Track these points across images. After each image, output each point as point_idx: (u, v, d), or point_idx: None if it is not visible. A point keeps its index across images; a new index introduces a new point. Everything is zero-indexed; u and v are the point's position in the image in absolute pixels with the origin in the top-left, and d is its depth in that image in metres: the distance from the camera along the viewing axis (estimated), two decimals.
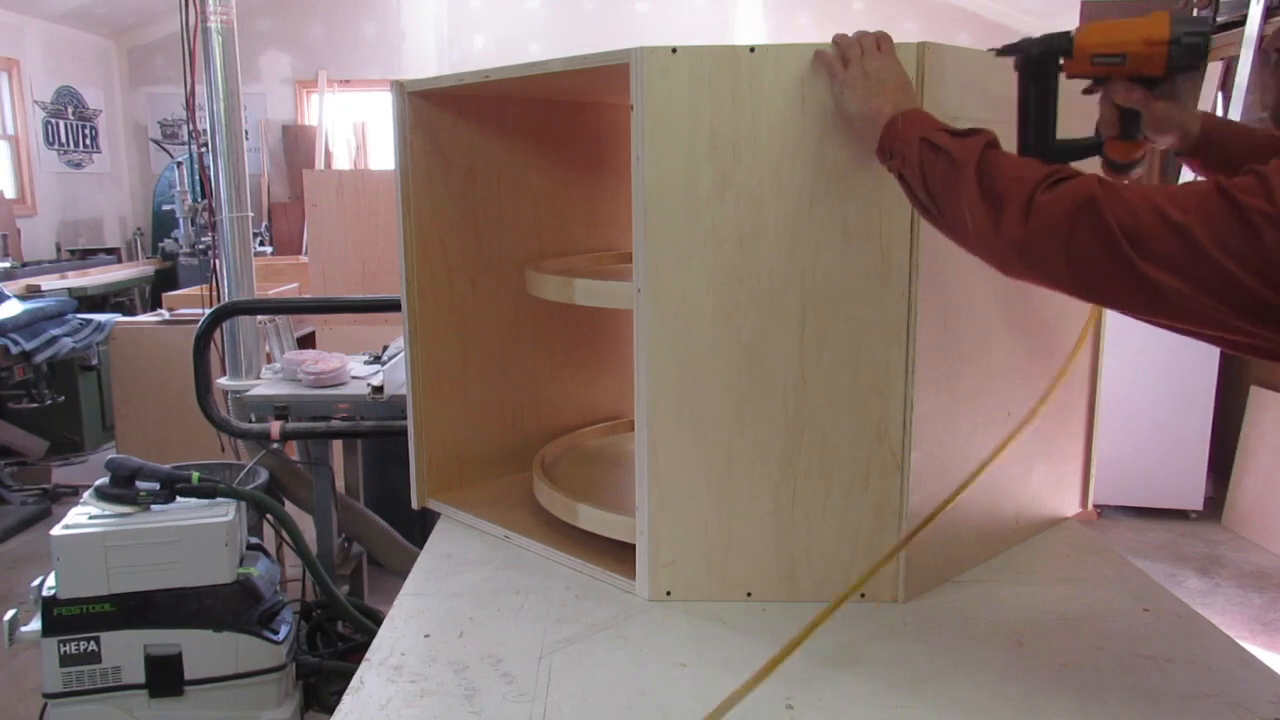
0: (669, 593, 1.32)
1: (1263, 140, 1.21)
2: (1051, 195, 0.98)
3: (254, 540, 2.24)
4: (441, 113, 1.69)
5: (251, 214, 3.06)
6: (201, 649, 1.98)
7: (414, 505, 1.78)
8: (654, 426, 1.29)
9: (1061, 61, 1.15)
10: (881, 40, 1.23)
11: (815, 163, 1.25)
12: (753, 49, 1.22)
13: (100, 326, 4.73)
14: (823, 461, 1.29)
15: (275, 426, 2.67)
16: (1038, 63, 1.15)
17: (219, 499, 2.06)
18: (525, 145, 1.80)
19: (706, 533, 1.31)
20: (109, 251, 7.46)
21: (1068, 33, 1.12)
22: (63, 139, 7.42)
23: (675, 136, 1.23)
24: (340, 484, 3.23)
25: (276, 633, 2.05)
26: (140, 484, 2.03)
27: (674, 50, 1.20)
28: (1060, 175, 1.00)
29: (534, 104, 1.78)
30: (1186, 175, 3.37)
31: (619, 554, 1.41)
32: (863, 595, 1.29)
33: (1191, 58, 1.07)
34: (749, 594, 1.33)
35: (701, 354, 1.28)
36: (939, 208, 1.10)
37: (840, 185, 1.25)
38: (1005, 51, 1.18)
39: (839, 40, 1.24)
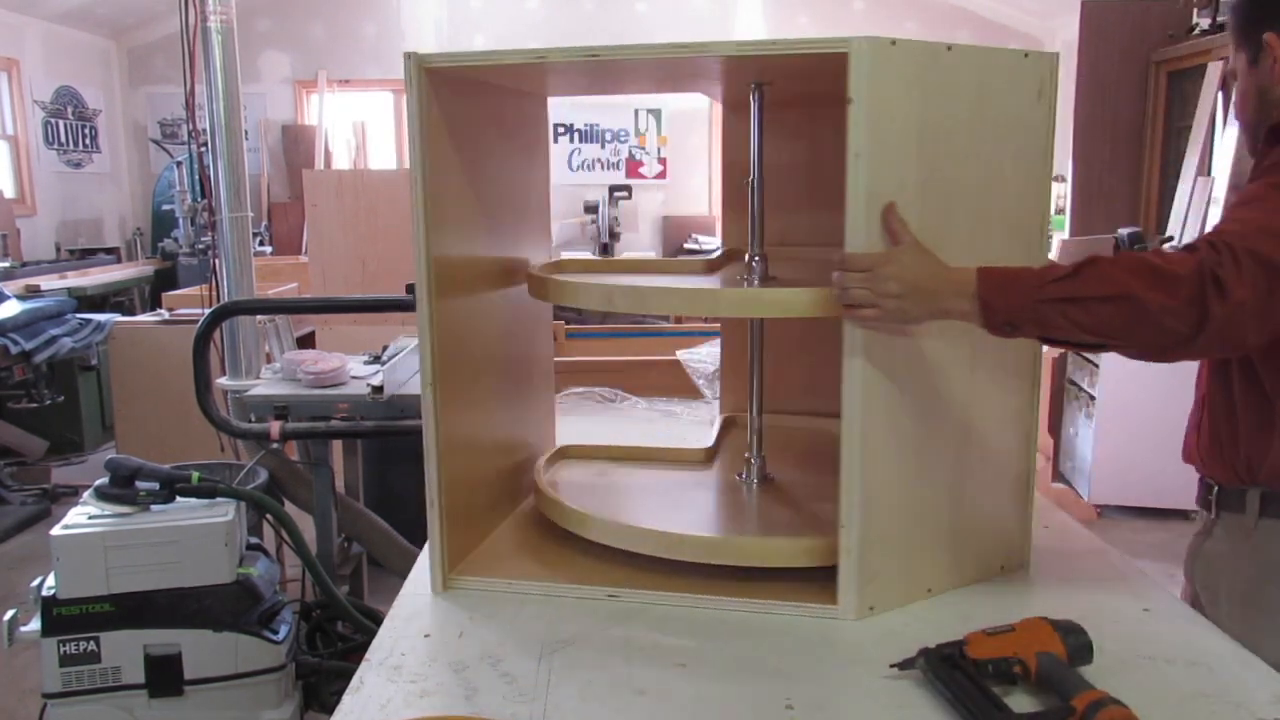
0: (872, 608, 1.29)
1: None
2: (1216, 257, 1.09)
3: (254, 540, 2.24)
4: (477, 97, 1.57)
5: (251, 214, 3.06)
6: (201, 649, 1.98)
7: (435, 589, 1.38)
8: (867, 439, 1.24)
9: None
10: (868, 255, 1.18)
11: (994, 165, 1.29)
12: (949, 47, 1.22)
13: (100, 326, 4.73)
14: (982, 456, 1.36)
15: (275, 426, 2.67)
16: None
17: (219, 499, 2.06)
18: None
19: (900, 540, 1.30)
20: (109, 251, 7.46)
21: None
22: (62, 139, 7.42)
23: (890, 132, 1.20)
24: (340, 484, 3.23)
25: (276, 633, 2.05)
26: (140, 484, 2.03)
27: (893, 42, 1.18)
28: (1208, 248, 1.10)
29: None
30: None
31: (748, 581, 1.33)
32: (1002, 568, 1.40)
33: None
34: (929, 590, 1.34)
35: (906, 358, 1.27)
36: (1126, 340, 1.15)
37: (1007, 188, 1.31)
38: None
39: (842, 286, 1.18)
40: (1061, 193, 5.87)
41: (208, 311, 2.73)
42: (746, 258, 1.52)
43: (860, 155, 1.17)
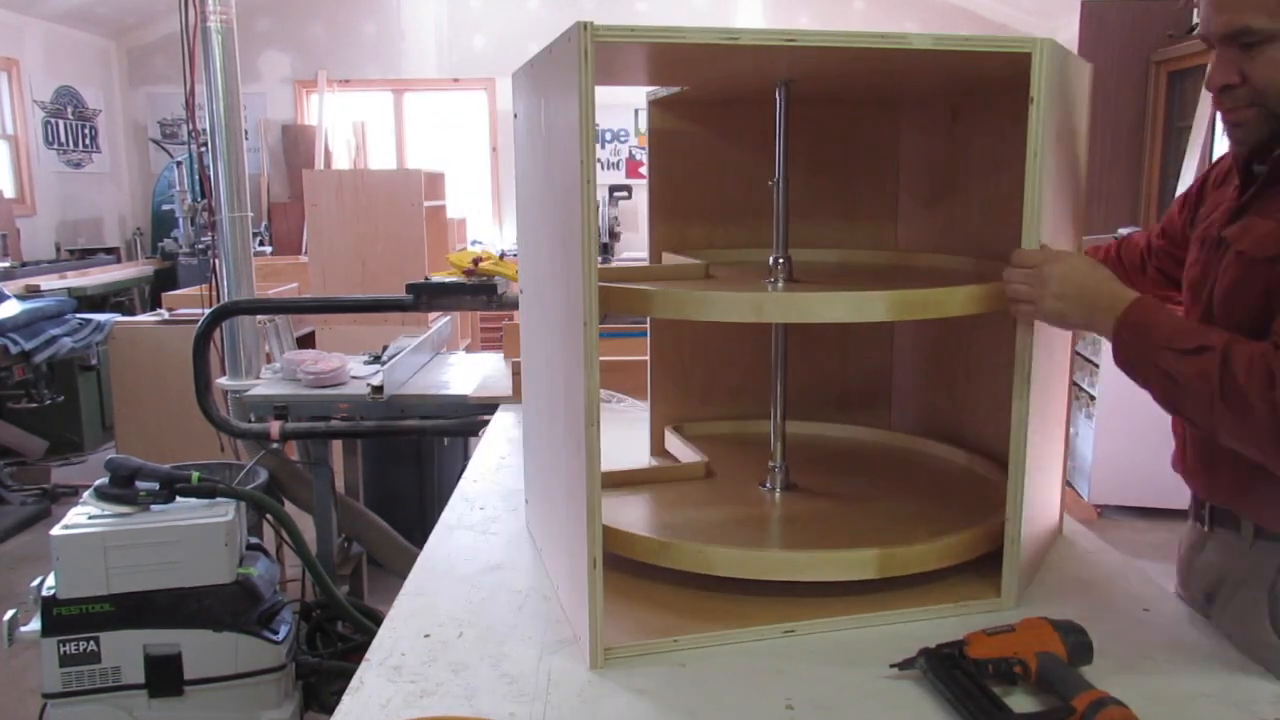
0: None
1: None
2: None
3: (254, 540, 2.24)
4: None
5: (251, 214, 3.07)
6: (201, 649, 1.98)
7: (594, 664, 1.16)
8: (1030, 434, 1.26)
9: None
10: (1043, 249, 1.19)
11: (1071, 164, 1.34)
12: (1068, 52, 1.25)
13: (100, 326, 4.73)
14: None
15: (275, 426, 2.67)
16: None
17: (219, 499, 2.06)
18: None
19: (1028, 526, 1.33)
20: (108, 251, 7.46)
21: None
22: (62, 139, 7.42)
23: (1055, 133, 1.22)
24: (340, 484, 3.24)
25: (276, 633, 2.05)
26: (140, 484, 2.04)
27: (1058, 44, 1.20)
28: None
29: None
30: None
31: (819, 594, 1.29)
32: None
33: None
34: None
35: (1052, 356, 1.34)
36: (1212, 433, 1.12)
37: (1075, 187, 1.37)
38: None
39: (1008, 280, 1.21)
40: None
41: (208, 311, 2.74)
42: (771, 260, 1.48)
43: (1038, 154, 1.18)
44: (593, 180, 1.07)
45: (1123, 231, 4.46)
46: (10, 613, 2.02)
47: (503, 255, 3.06)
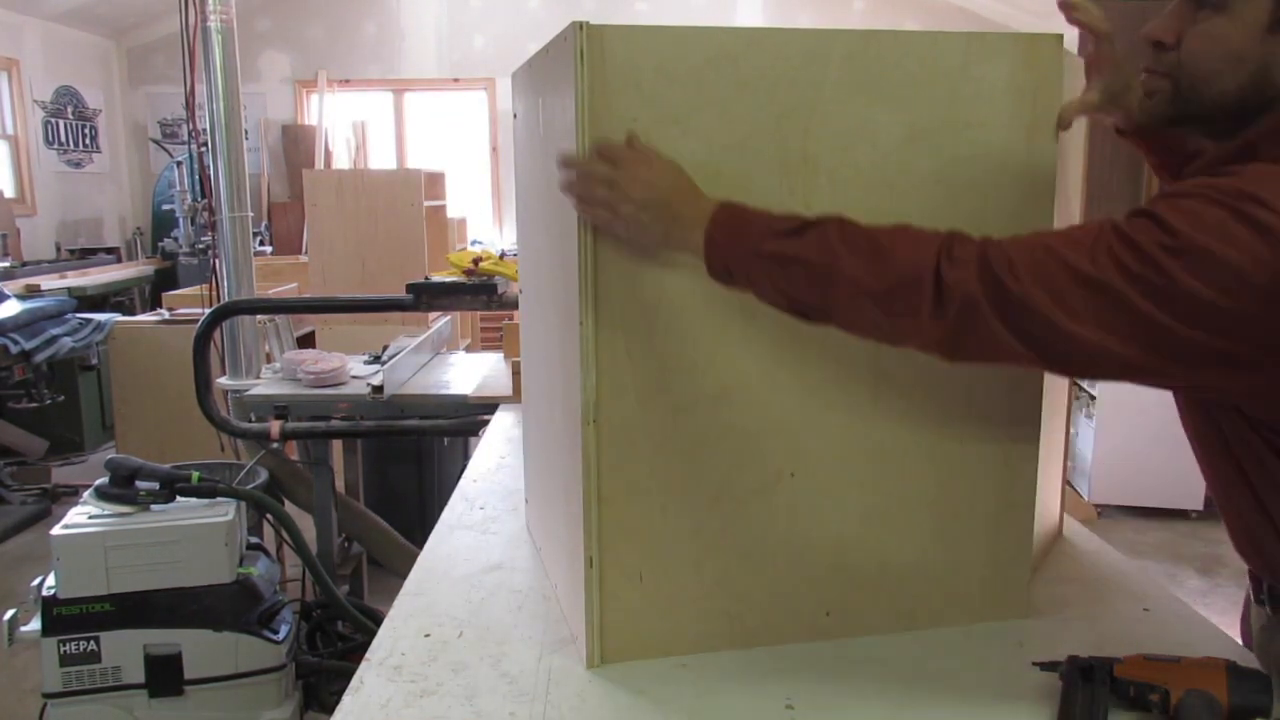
0: None
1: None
2: (958, 275, 0.91)
3: (254, 540, 2.24)
4: None
5: (251, 214, 3.07)
6: (201, 649, 1.98)
7: (591, 663, 1.17)
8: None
9: None
10: (628, 147, 1.04)
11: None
12: None
13: (100, 326, 4.74)
14: None
15: (275, 426, 2.67)
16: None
17: (219, 499, 2.06)
18: None
19: None
20: (109, 251, 7.45)
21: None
22: (62, 139, 7.42)
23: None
24: (340, 484, 3.24)
25: (276, 632, 2.05)
26: (140, 484, 2.03)
27: (1062, 44, 1.24)
28: (953, 244, 0.93)
29: None
30: None
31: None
32: None
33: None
34: None
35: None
36: (828, 315, 0.98)
37: None
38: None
39: (575, 178, 1.05)
40: None
41: (208, 311, 2.74)
42: None
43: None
44: None
45: None
46: (10, 613, 2.02)
47: (503, 255, 3.06)
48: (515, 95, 1.50)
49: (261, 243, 7.20)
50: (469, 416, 2.67)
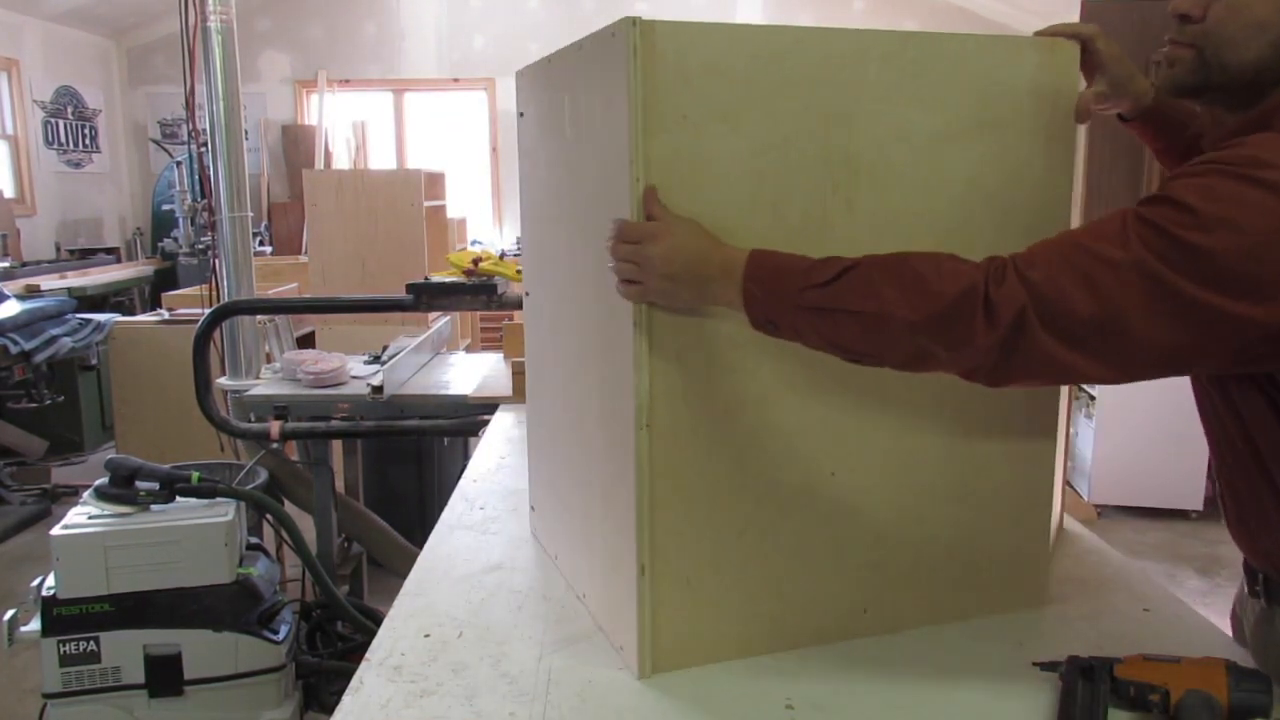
0: None
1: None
2: (1003, 292, 0.92)
3: (254, 540, 2.24)
4: None
5: (251, 214, 3.07)
6: (201, 649, 1.98)
7: (643, 673, 1.14)
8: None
9: None
10: (648, 207, 1.06)
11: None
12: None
13: (100, 326, 4.74)
14: None
15: (275, 426, 2.67)
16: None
17: (219, 499, 2.06)
18: None
19: None
20: (109, 251, 7.45)
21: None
22: (62, 139, 7.42)
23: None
24: (340, 484, 3.24)
25: (276, 633, 2.05)
26: (140, 484, 2.03)
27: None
28: (990, 265, 0.94)
29: None
30: None
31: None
32: None
33: None
34: None
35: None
36: (881, 358, 1.00)
37: None
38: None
39: (614, 257, 1.07)
40: None
41: (208, 311, 2.74)
42: None
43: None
44: (642, 178, 1.06)
45: None
46: (10, 613, 2.02)
47: (503, 255, 3.07)
48: (523, 94, 1.48)
49: (261, 243, 7.19)
50: (469, 416, 2.67)
